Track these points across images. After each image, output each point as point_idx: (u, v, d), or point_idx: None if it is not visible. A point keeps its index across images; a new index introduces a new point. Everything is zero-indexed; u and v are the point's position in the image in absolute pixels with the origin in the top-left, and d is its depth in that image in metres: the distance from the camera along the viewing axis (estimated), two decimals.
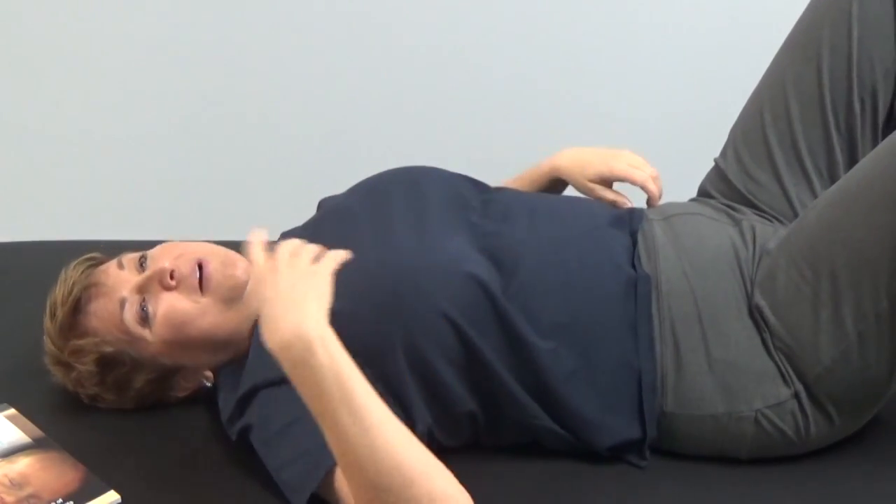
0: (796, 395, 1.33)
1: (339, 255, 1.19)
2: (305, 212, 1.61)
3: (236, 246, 1.40)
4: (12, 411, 1.41)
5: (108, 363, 1.39)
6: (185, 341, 1.37)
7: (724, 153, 1.59)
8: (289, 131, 2.53)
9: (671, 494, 1.33)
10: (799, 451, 1.36)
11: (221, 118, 2.50)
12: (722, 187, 1.57)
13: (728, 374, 1.33)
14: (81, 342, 1.39)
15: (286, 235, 1.55)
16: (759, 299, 1.35)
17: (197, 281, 1.37)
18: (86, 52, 2.44)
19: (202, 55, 2.44)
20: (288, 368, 1.12)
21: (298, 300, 1.12)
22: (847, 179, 1.35)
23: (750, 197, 1.53)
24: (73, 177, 2.52)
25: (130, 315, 1.37)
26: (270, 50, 2.45)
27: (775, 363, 1.33)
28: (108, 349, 1.38)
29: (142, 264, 1.40)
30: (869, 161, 1.33)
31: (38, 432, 1.37)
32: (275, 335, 1.11)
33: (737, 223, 1.46)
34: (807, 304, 1.31)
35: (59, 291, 1.40)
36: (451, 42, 2.46)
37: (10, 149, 2.50)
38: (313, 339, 1.09)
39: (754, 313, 1.35)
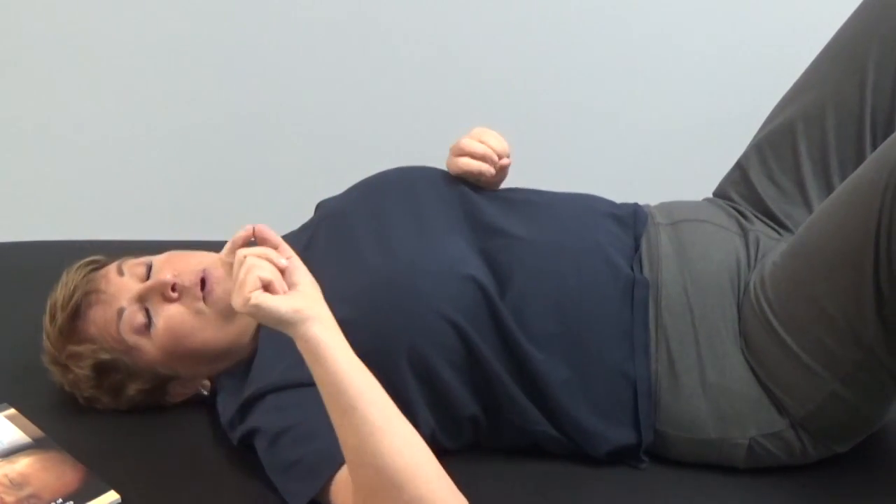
0: (792, 426, 1.31)
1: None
2: (304, 213, 1.61)
3: None
4: (12, 411, 1.41)
5: (104, 369, 1.39)
6: (183, 353, 1.38)
7: (747, 154, 1.55)
8: (288, 132, 2.53)
9: (670, 496, 1.33)
10: (795, 465, 1.35)
11: (221, 119, 2.50)
12: (742, 189, 1.53)
13: (722, 399, 1.32)
14: (79, 348, 1.39)
15: (283, 239, 1.55)
16: (742, 342, 1.33)
17: (199, 293, 1.37)
18: (86, 51, 2.43)
19: (202, 55, 2.44)
20: (300, 346, 1.15)
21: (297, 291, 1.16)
22: (808, 229, 1.31)
23: (769, 202, 1.50)
24: (73, 177, 2.52)
25: (125, 325, 1.37)
26: (270, 50, 2.45)
27: (768, 394, 1.32)
28: (105, 356, 1.38)
29: (148, 273, 1.40)
30: (823, 213, 1.30)
31: (38, 432, 1.38)
32: (271, 316, 1.13)
33: (744, 233, 1.44)
34: (781, 355, 1.29)
35: (60, 294, 1.40)
36: (454, 42, 2.46)
37: (10, 149, 2.50)
38: (311, 316, 1.13)
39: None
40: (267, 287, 1.14)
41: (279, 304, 1.13)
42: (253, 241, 1.21)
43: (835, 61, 1.49)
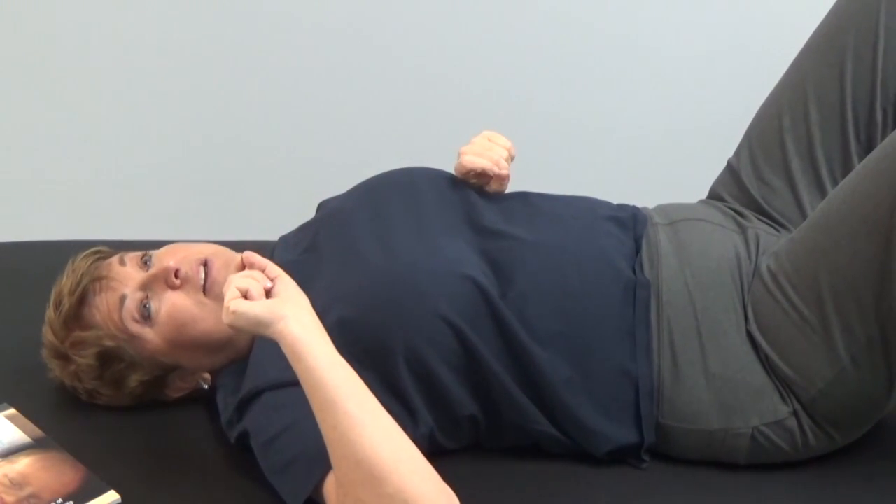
0: (795, 413, 1.32)
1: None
2: (305, 213, 1.61)
3: (236, 246, 1.41)
4: (12, 411, 1.42)
5: (107, 358, 1.39)
6: (185, 341, 1.38)
7: (738, 154, 1.57)
8: (289, 132, 2.53)
9: (671, 495, 1.33)
10: (797, 460, 1.36)
11: (222, 118, 2.50)
12: (734, 190, 1.55)
13: (725, 389, 1.33)
14: (85, 334, 1.39)
15: (284, 239, 1.55)
16: (752, 324, 1.34)
17: (201, 281, 1.37)
18: (86, 51, 2.44)
19: (203, 56, 2.44)
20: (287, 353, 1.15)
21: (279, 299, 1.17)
22: (829, 202, 1.33)
23: (761, 201, 1.51)
24: (73, 177, 2.52)
25: (128, 312, 1.37)
26: (271, 51, 2.45)
27: (773, 381, 1.33)
28: (110, 343, 1.38)
29: (145, 263, 1.40)
30: (849, 183, 1.31)
31: (38, 432, 1.38)
32: (246, 317, 1.15)
33: (743, 230, 1.45)
34: (796, 330, 1.30)
35: (67, 282, 1.40)
36: (455, 45, 2.46)
37: (11, 149, 2.50)
38: (286, 315, 1.14)
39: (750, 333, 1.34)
40: (245, 295, 1.16)
41: (254, 307, 1.15)
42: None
43: (815, 57, 1.51)
